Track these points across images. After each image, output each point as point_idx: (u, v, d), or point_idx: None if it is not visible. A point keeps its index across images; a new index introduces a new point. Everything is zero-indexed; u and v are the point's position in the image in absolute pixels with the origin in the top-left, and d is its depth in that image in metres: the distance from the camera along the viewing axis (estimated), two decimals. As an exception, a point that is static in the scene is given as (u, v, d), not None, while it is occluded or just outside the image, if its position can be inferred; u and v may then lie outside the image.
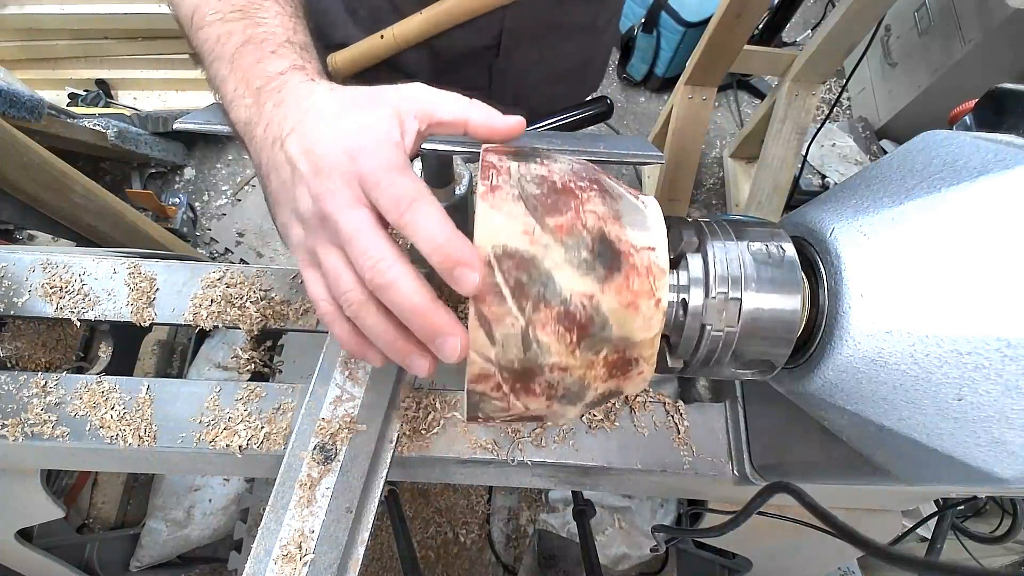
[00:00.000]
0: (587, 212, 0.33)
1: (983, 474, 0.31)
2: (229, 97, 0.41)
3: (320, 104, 0.37)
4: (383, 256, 0.32)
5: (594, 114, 0.89)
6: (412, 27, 0.74)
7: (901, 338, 0.32)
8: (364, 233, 0.33)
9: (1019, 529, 0.83)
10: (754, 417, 0.57)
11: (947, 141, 0.34)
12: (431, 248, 0.31)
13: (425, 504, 1.29)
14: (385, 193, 0.33)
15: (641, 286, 0.33)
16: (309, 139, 0.35)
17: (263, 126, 0.38)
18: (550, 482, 0.61)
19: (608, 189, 0.35)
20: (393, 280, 0.32)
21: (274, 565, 0.45)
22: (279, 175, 0.37)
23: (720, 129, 2.39)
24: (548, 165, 0.35)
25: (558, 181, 0.34)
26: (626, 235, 0.33)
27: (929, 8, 2.01)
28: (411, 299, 0.32)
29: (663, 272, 0.34)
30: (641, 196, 0.37)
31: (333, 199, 0.33)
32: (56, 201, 1.21)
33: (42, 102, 1.44)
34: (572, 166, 0.36)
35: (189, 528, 1.15)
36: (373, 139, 0.35)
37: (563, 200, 0.33)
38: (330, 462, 0.50)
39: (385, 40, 0.76)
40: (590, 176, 0.35)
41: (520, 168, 0.34)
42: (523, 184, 0.33)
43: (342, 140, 0.34)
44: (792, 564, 0.80)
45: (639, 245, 0.34)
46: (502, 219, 0.32)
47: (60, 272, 0.62)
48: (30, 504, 0.68)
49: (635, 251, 0.33)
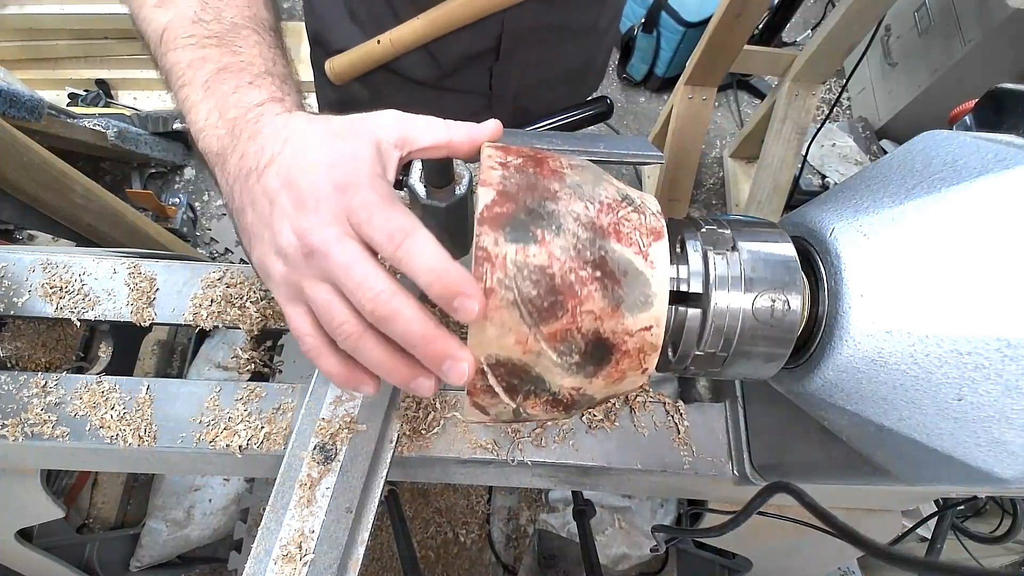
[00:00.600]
0: (584, 313, 0.32)
1: (983, 474, 0.31)
2: (199, 125, 0.39)
3: (299, 135, 0.35)
4: (383, 287, 0.32)
5: (594, 114, 0.89)
6: (409, 32, 0.73)
7: (901, 338, 0.32)
8: (359, 265, 0.32)
9: (1019, 529, 0.83)
10: (754, 417, 0.57)
11: (947, 141, 0.34)
12: (430, 279, 0.30)
13: (425, 504, 1.29)
14: (378, 228, 0.32)
15: (630, 365, 0.34)
16: (290, 171, 0.34)
17: (237, 157, 0.37)
18: (550, 482, 0.61)
19: (613, 267, 0.33)
20: (396, 310, 0.31)
21: (274, 565, 0.45)
22: (256, 209, 0.35)
23: (720, 129, 2.39)
24: (548, 244, 0.32)
25: (557, 274, 0.32)
26: (623, 324, 0.33)
27: (929, 8, 2.01)
28: (417, 328, 0.32)
29: (655, 348, 0.34)
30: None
31: (321, 233, 0.32)
32: (56, 201, 1.21)
33: (42, 102, 1.43)
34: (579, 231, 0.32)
35: (189, 528, 1.15)
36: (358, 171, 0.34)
37: (560, 302, 0.32)
38: (330, 462, 0.50)
39: (382, 45, 0.75)
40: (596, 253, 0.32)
41: (518, 255, 0.31)
42: (519, 284, 0.31)
43: (327, 172, 0.33)
44: (792, 564, 0.80)
45: (636, 328, 0.33)
46: (495, 331, 0.32)
47: (60, 272, 0.62)
48: (30, 504, 0.68)
49: (630, 336, 0.33)
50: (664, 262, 0.34)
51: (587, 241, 0.32)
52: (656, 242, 0.34)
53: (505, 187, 0.32)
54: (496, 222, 0.32)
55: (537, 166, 0.34)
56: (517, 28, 0.75)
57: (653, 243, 0.34)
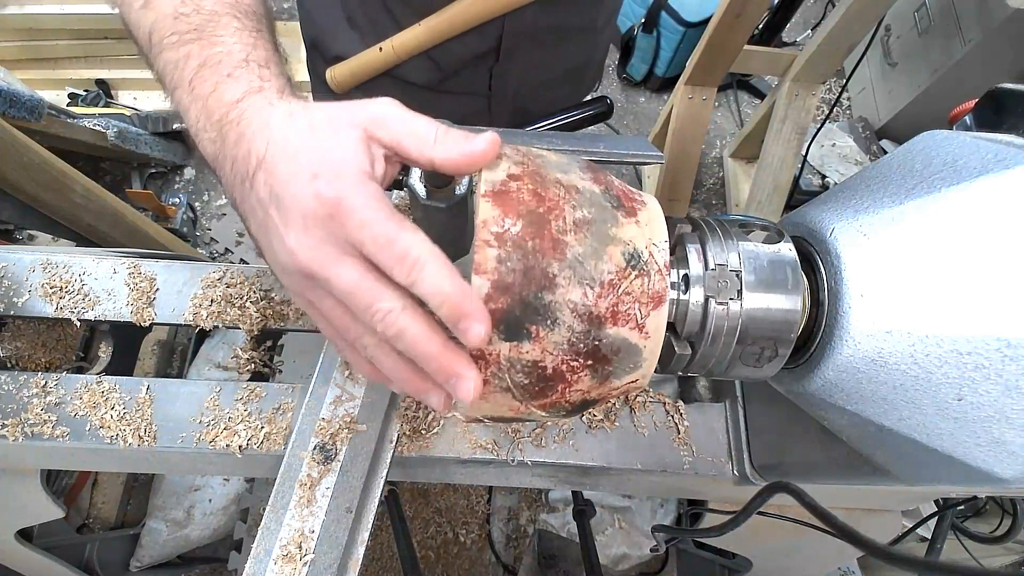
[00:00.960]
0: (573, 392, 0.34)
1: (983, 474, 0.31)
2: (194, 129, 0.38)
3: (279, 134, 0.34)
4: (389, 308, 0.31)
5: (594, 114, 0.89)
6: (411, 39, 0.73)
7: (901, 338, 0.32)
8: (361, 289, 0.31)
9: (1019, 529, 0.83)
10: (754, 417, 0.57)
11: (947, 141, 0.34)
12: (439, 302, 0.30)
13: (425, 504, 1.29)
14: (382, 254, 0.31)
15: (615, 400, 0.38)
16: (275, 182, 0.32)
17: (229, 164, 0.35)
18: (550, 482, 0.61)
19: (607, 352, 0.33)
20: (403, 329, 0.31)
21: (274, 565, 0.45)
22: (255, 219, 0.35)
23: (720, 129, 2.39)
24: (543, 340, 0.31)
25: (550, 366, 0.32)
26: (608, 387, 0.35)
27: (929, 8, 2.01)
28: (423, 346, 0.31)
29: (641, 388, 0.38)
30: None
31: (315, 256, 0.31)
32: (56, 201, 1.21)
33: (42, 102, 1.43)
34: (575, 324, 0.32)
35: (189, 528, 1.15)
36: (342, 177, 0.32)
37: (551, 386, 0.33)
38: (330, 462, 0.50)
39: (384, 52, 0.75)
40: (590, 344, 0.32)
41: (511, 352, 0.32)
42: (511, 376, 0.32)
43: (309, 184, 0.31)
44: (792, 564, 0.80)
45: (622, 384, 0.35)
46: (489, 407, 0.35)
47: (60, 272, 0.62)
48: (30, 504, 0.68)
49: (615, 390, 0.36)
50: (660, 328, 0.34)
51: (582, 334, 0.32)
52: (655, 310, 0.33)
53: (500, 276, 0.31)
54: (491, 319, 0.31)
55: (538, 235, 0.31)
56: (517, 29, 0.75)
57: (652, 311, 0.33)
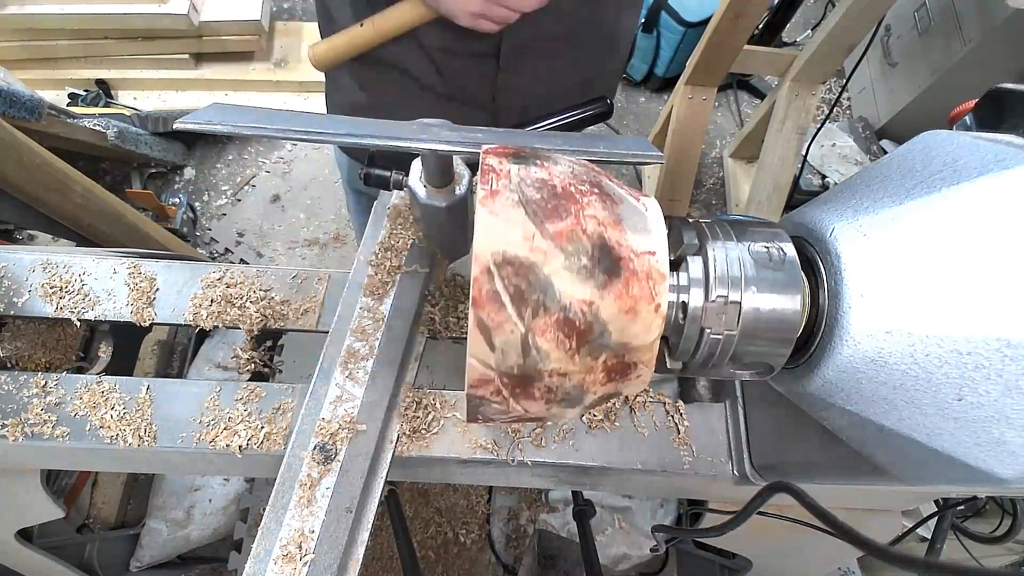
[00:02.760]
0: (587, 217, 0.32)
1: (983, 474, 0.31)
2: None
3: None
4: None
5: (594, 114, 0.89)
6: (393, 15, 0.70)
7: (901, 338, 0.32)
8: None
9: (1019, 529, 0.83)
10: (754, 417, 0.57)
11: (947, 141, 0.34)
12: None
13: (425, 504, 1.29)
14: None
15: (640, 291, 0.33)
16: None
17: None
18: (550, 482, 0.61)
19: (609, 192, 0.35)
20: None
21: (274, 565, 0.45)
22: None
23: (720, 129, 2.39)
24: (548, 168, 0.34)
25: (558, 185, 0.33)
26: (626, 240, 0.33)
27: (929, 8, 2.01)
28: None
29: (663, 277, 0.33)
30: (642, 197, 0.37)
31: None
32: (56, 201, 1.21)
33: (42, 102, 1.44)
34: (572, 168, 0.35)
35: (189, 528, 1.15)
36: None
37: (563, 205, 0.33)
38: (330, 462, 0.50)
39: (364, 28, 0.72)
40: (591, 179, 0.35)
41: (520, 171, 0.34)
42: (523, 188, 0.33)
43: None
44: (792, 564, 0.80)
45: (639, 250, 0.33)
46: (501, 225, 0.31)
47: (60, 272, 0.62)
48: (30, 504, 0.68)
49: (635, 256, 0.33)
50: (656, 210, 0.36)
51: (583, 172, 0.35)
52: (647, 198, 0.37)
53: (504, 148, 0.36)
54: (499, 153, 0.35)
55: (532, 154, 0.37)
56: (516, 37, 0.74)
57: (643, 197, 0.37)
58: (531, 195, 0.32)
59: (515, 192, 0.32)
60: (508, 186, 0.32)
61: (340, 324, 0.56)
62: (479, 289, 0.31)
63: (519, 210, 0.32)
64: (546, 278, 0.32)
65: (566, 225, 0.32)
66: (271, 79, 2.15)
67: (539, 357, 0.33)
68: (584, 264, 0.32)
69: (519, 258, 0.31)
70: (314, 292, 0.64)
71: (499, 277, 0.31)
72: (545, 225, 0.32)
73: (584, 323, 0.32)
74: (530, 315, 0.32)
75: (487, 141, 0.40)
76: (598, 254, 0.32)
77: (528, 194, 0.32)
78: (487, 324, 0.32)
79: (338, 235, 2.05)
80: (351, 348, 0.55)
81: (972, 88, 1.92)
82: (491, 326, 0.32)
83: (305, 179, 2.15)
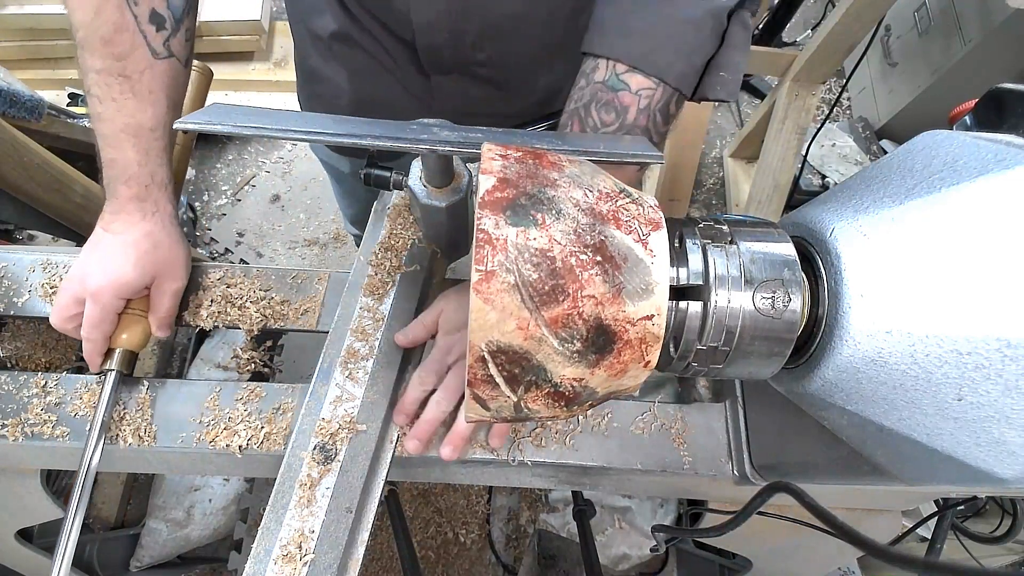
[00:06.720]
0: (585, 298, 0.32)
1: (983, 474, 0.31)
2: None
3: None
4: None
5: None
6: None
7: (901, 338, 0.32)
8: None
9: (1019, 529, 0.83)
10: (754, 417, 0.57)
11: (947, 141, 0.34)
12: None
13: (425, 504, 1.29)
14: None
15: (632, 356, 0.34)
16: None
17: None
18: (550, 482, 0.61)
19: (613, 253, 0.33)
20: None
21: (274, 565, 0.45)
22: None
23: (720, 129, 2.39)
24: (549, 231, 0.32)
25: (558, 257, 0.32)
26: (624, 312, 0.33)
27: (929, 8, 2.01)
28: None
29: (657, 339, 0.34)
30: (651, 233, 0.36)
31: None
32: (56, 201, 1.21)
33: (42, 102, 1.43)
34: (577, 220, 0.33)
35: (189, 528, 1.15)
36: None
37: (561, 286, 0.32)
38: (330, 462, 0.50)
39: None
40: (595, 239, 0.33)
41: (518, 239, 0.31)
42: (519, 266, 0.31)
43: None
44: (792, 564, 0.80)
45: (637, 318, 0.33)
46: (496, 315, 0.31)
47: (60, 272, 0.62)
48: (30, 504, 0.68)
49: (632, 325, 0.33)
50: (664, 252, 0.34)
51: (587, 226, 0.33)
52: (655, 232, 0.34)
53: (506, 175, 0.33)
54: (497, 206, 0.32)
55: (536, 159, 0.35)
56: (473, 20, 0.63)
57: (652, 233, 0.34)
58: (528, 275, 0.31)
59: (512, 273, 0.31)
60: (504, 263, 0.31)
61: (340, 324, 0.56)
62: (474, 375, 0.33)
63: (515, 295, 0.31)
64: (539, 363, 0.33)
65: (562, 310, 0.32)
66: (271, 79, 2.15)
67: (530, 413, 0.36)
68: (577, 349, 0.33)
69: (513, 347, 0.32)
70: (314, 292, 0.64)
71: (493, 364, 0.33)
72: (541, 312, 0.32)
73: (573, 392, 0.35)
74: (523, 391, 0.34)
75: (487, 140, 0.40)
76: (592, 335, 0.33)
77: (525, 274, 0.31)
78: (482, 398, 0.34)
79: (338, 235, 2.05)
80: (351, 348, 0.55)
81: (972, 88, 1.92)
82: (486, 399, 0.34)
83: (305, 179, 2.15)
